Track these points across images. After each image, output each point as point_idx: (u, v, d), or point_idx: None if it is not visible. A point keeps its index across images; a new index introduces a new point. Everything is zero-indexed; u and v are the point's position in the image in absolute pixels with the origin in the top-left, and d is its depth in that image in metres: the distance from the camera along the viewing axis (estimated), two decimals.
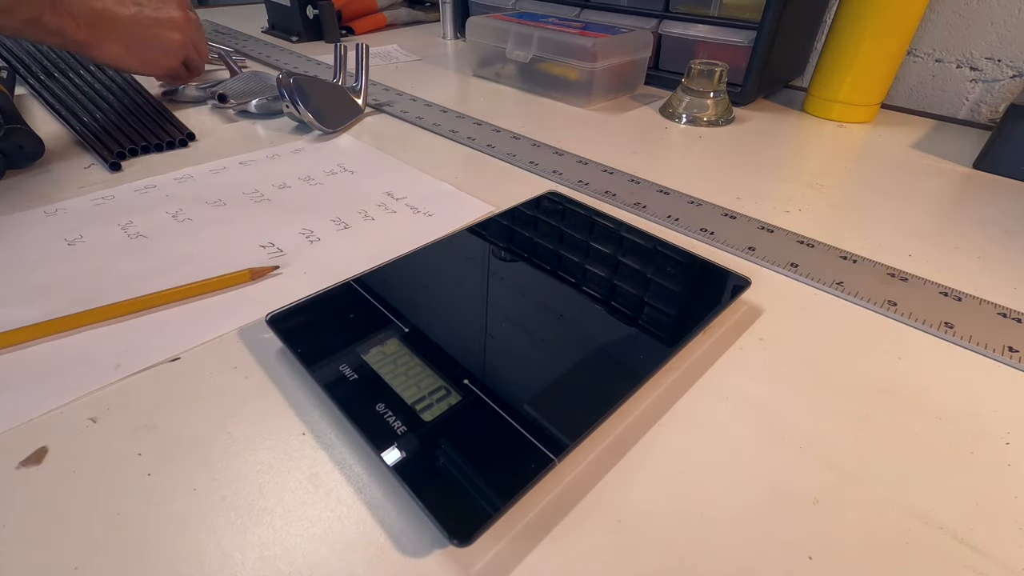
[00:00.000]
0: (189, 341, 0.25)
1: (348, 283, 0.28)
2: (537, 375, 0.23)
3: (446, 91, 0.62)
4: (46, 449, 0.20)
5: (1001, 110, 0.55)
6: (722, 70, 0.52)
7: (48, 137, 0.44)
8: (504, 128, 0.51)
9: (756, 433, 0.21)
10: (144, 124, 0.47)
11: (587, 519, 0.18)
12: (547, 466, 0.18)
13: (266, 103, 0.52)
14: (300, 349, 0.23)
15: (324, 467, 0.20)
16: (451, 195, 0.39)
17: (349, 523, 0.18)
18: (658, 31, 0.61)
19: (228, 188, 0.39)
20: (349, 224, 0.35)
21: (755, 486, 0.19)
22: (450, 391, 0.21)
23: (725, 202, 0.39)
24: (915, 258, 0.33)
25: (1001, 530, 0.18)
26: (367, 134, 0.50)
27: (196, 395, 0.23)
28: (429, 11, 0.97)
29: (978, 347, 0.26)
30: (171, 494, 0.19)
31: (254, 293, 0.29)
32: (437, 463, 0.18)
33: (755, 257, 0.32)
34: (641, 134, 0.51)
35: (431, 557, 0.17)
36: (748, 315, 0.28)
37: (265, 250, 0.32)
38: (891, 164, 0.46)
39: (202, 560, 0.17)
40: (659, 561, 0.17)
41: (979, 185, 0.43)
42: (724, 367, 0.25)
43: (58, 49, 0.58)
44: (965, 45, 0.55)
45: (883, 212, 0.38)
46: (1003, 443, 0.21)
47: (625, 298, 0.27)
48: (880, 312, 0.28)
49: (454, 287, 0.28)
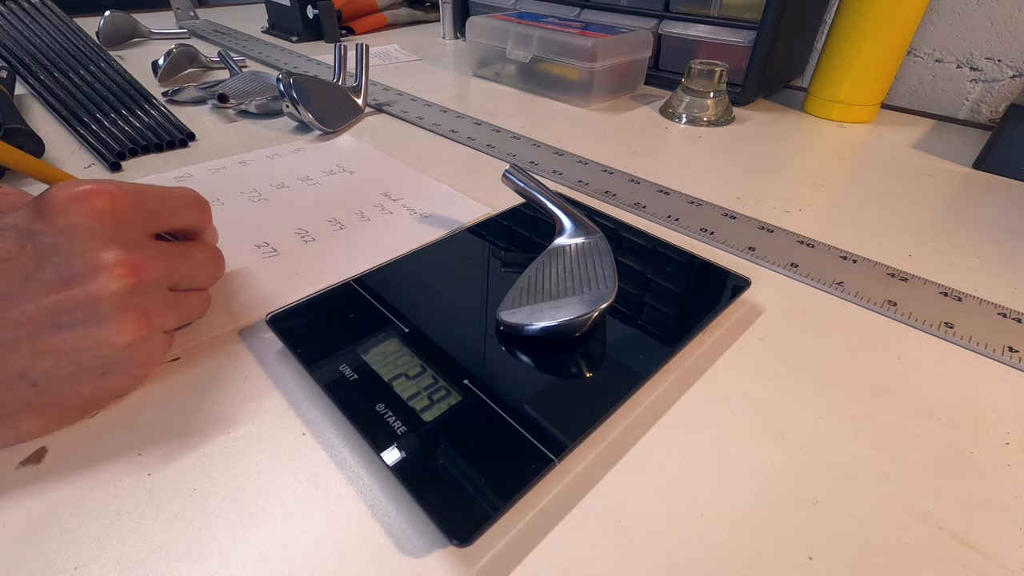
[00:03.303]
0: (189, 340, 0.25)
1: (348, 283, 0.28)
2: (537, 375, 0.23)
3: (446, 91, 0.62)
4: (46, 449, 0.20)
5: (1001, 110, 0.55)
6: (722, 70, 0.52)
7: (48, 137, 0.44)
8: (504, 128, 0.51)
9: (756, 433, 0.21)
10: (144, 124, 0.47)
11: (587, 519, 0.18)
12: (547, 466, 0.18)
13: (266, 103, 0.52)
14: (300, 349, 0.23)
15: (324, 467, 0.20)
16: (448, 196, 0.39)
17: (349, 523, 0.18)
18: (658, 31, 0.61)
19: (227, 188, 0.39)
20: (344, 225, 0.35)
21: (755, 486, 0.19)
22: (450, 391, 0.21)
23: (725, 202, 0.39)
24: (915, 258, 0.33)
25: (1001, 530, 0.18)
26: (367, 134, 0.50)
27: (196, 395, 0.23)
28: (429, 11, 0.97)
29: (978, 347, 0.26)
30: (171, 494, 0.19)
31: (254, 293, 0.29)
32: (437, 463, 0.18)
33: (755, 257, 0.32)
34: (641, 134, 0.51)
35: (431, 557, 0.17)
36: (748, 315, 0.28)
37: (260, 250, 0.32)
38: (891, 164, 0.46)
39: (202, 560, 0.17)
40: (659, 561, 0.17)
41: (979, 185, 0.43)
42: (724, 367, 0.25)
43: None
44: (965, 45, 0.55)
45: (883, 212, 0.38)
46: (1003, 443, 0.21)
47: (625, 298, 0.27)
48: (880, 312, 0.28)
49: (454, 287, 0.28)
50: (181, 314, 0.23)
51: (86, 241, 0.19)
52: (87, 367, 0.19)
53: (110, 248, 0.19)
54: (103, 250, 0.19)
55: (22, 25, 0.60)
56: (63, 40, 0.59)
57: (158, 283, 0.21)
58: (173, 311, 0.22)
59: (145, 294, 0.20)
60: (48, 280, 0.18)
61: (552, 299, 0.24)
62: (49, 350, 0.18)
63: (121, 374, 0.21)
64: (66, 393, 0.20)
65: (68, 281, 0.18)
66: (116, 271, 0.19)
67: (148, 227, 0.21)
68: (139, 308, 0.20)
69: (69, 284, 0.18)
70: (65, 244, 0.18)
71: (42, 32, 0.60)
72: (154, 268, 0.20)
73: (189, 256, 0.23)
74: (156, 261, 0.21)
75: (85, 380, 0.20)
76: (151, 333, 0.21)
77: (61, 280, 0.18)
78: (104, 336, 0.19)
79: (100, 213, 0.19)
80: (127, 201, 0.20)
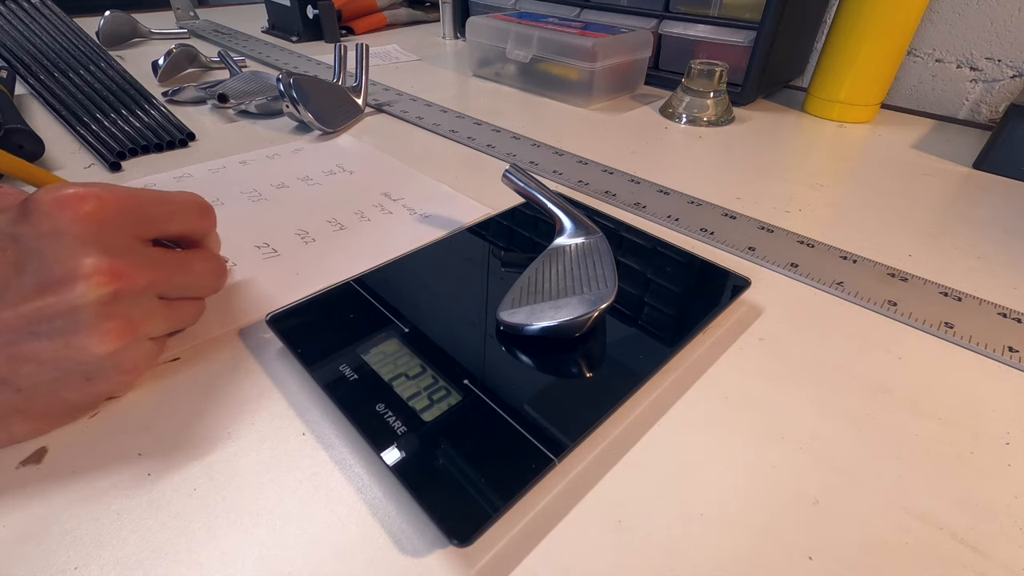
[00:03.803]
0: (188, 340, 0.25)
1: (348, 283, 0.28)
2: (537, 375, 0.23)
3: (446, 91, 0.62)
4: (46, 449, 0.20)
5: (1001, 110, 0.55)
6: (722, 70, 0.52)
7: (48, 137, 0.44)
8: (504, 128, 0.51)
9: (756, 433, 0.21)
10: (144, 124, 0.47)
11: (587, 519, 0.18)
12: (547, 466, 0.18)
13: (266, 103, 0.52)
14: (300, 349, 0.23)
15: (324, 467, 0.20)
16: (448, 196, 0.39)
17: (349, 523, 0.18)
18: (658, 31, 0.61)
19: (227, 188, 0.39)
20: (344, 225, 0.35)
21: (755, 486, 0.19)
22: (450, 391, 0.21)
23: (725, 202, 0.39)
24: (915, 258, 0.33)
25: (1001, 530, 0.18)
26: (367, 134, 0.50)
27: (196, 395, 0.23)
28: (429, 11, 0.97)
29: (978, 347, 0.26)
30: (171, 494, 0.19)
31: (254, 293, 0.29)
32: (437, 463, 0.18)
33: (755, 257, 0.32)
34: (641, 134, 0.51)
35: (431, 557, 0.17)
36: (748, 315, 0.28)
37: (260, 250, 0.32)
38: (891, 164, 0.46)
39: (202, 560, 0.17)
40: (659, 561, 0.17)
41: (979, 185, 0.43)
42: (724, 367, 0.25)
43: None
44: (965, 45, 0.55)
45: (883, 212, 0.38)
46: (1003, 443, 0.21)
47: (625, 298, 0.27)
48: (880, 312, 0.28)
49: (454, 287, 0.28)
50: (171, 322, 0.22)
51: (69, 247, 0.18)
52: (70, 373, 0.19)
53: (92, 254, 0.18)
54: (85, 256, 0.18)
55: (22, 25, 0.60)
56: (63, 40, 0.59)
57: (145, 291, 0.20)
58: (162, 319, 0.21)
59: (129, 302, 0.19)
60: (27, 287, 0.17)
61: (552, 299, 0.24)
62: (28, 357, 0.18)
63: (106, 380, 0.20)
64: (52, 397, 0.19)
65: (46, 288, 0.17)
66: (95, 279, 0.18)
67: (140, 233, 0.20)
68: (121, 316, 0.19)
69: (47, 291, 0.17)
70: (47, 249, 0.18)
71: (42, 32, 0.60)
72: (139, 277, 0.19)
73: (186, 265, 0.23)
74: (143, 269, 0.20)
75: (70, 385, 0.19)
76: (134, 341, 0.20)
77: (39, 287, 0.17)
78: (83, 345, 0.18)
79: (85, 218, 0.18)
80: (116, 206, 0.19)
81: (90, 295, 0.18)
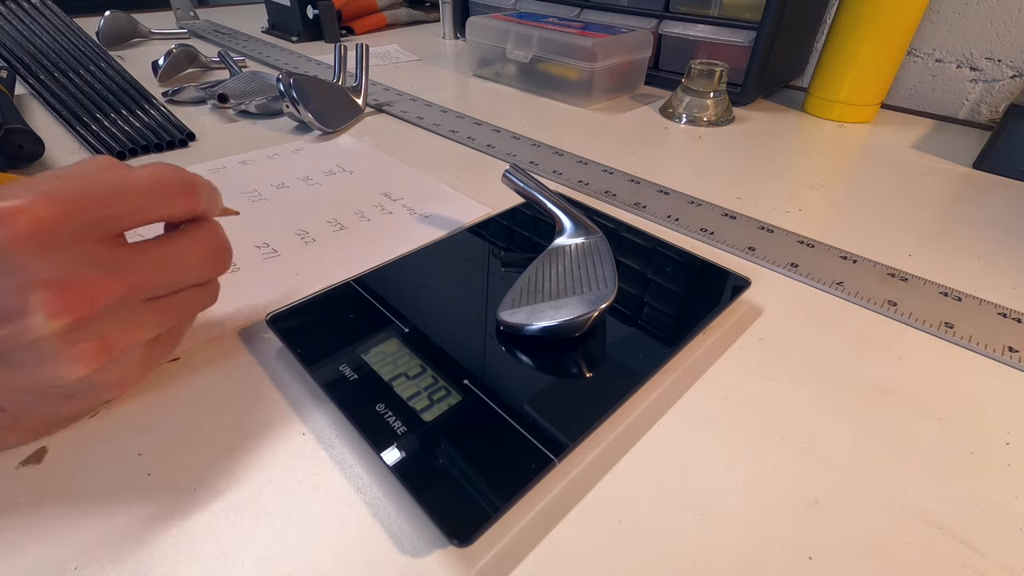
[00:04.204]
0: (188, 340, 0.25)
1: (348, 283, 0.28)
2: (537, 375, 0.23)
3: (446, 91, 0.62)
4: (46, 449, 0.20)
5: (1001, 110, 0.55)
6: (722, 70, 0.52)
7: (48, 137, 0.44)
8: (504, 128, 0.51)
9: (756, 433, 0.21)
10: (144, 124, 0.47)
11: (587, 519, 0.18)
12: (547, 466, 0.18)
13: (266, 103, 0.52)
14: (300, 349, 0.23)
15: (324, 467, 0.20)
16: (448, 196, 0.39)
17: (349, 523, 0.18)
18: (658, 31, 0.61)
19: (226, 188, 0.39)
20: (344, 225, 0.35)
21: (755, 486, 0.19)
22: (450, 391, 0.21)
23: (725, 202, 0.39)
24: (915, 258, 0.33)
25: (1001, 530, 0.18)
26: (367, 134, 0.50)
27: (196, 395, 0.23)
28: (429, 11, 0.97)
29: (978, 347, 0.26)
30: (171, 494, 0.19)
31: (254, 293, 0.29)
32: (437, 463, 0.18)
33: (755, 257, 0.32)
34: (641, 134, 0.51)
35: (431, 557, 0.17)
36: (748, 315, 0.28)
37: (260, 250, 0.32)
38: (891, 164, 0.46)
39: (202, 560, 0.17)
40: (659, 561, 0.17)
41: (979, 185, 0.43)
42: (724, 367, 0.25)
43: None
44: (965, 45, 0.55)
45: (883, 212, 0.38)
46: (1003, 443, 0.21)
47: (625, 298, 0.27)
48: (880, 312, 0.28)
49: (454, 287, 0.28)
50: (164, 324, 0.20)
51: (15, 273, 0.15)
52: (49, 395, 0.18)
53: (40, 282, 0.16)
54: (32, 285, 0.16)
55: (22, 25, 0.60)
56: (63, 40, 0.59)
57: (120, 302, 0.18)
58: (151, 325, 0.19)
59: (100, 321, 0.17)
60: None
61: (552, 299, 0.24)
62: (3, 386, 0.17)
63: (89, 398, 0.20)
64: (38, 414, 0.19)
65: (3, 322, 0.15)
66: (48, 309, 0.16)
67: (102, 234, 0.18)
68: (91, 339, 0.17)
69: (4, 324, 0.15)
70: None
71: (42, 32, 0.60)
72: (105, 291, 0.17)
73: (170, 258, 0.20)
74: (110, 280, 0.17)
75: (53, 403, 0.19)
76: (112, 360, 0.18)
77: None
78: (53, 373, 0.17)
79: (26, 238, 0.15)
80: (59, 213, 0.16)
81: (47, 328, 0.16)
